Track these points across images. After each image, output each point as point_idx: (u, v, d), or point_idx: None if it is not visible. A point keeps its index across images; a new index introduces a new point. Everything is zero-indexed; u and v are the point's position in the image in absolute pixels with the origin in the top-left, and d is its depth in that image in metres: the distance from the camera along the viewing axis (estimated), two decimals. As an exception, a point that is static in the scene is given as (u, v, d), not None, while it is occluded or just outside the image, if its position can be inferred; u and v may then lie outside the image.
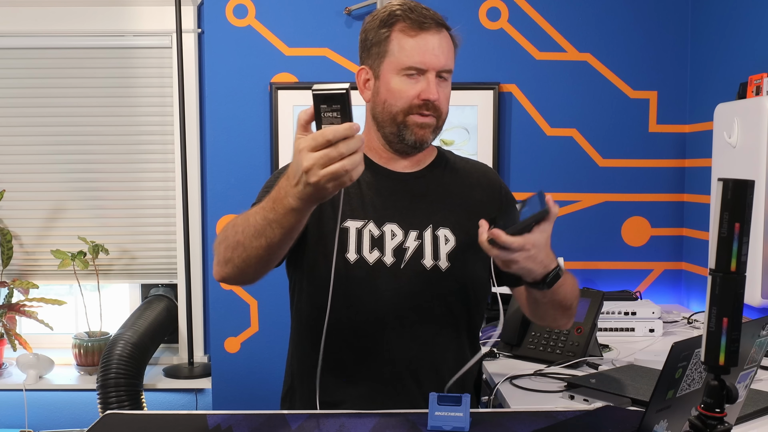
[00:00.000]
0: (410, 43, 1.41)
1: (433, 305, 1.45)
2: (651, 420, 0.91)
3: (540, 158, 2.75)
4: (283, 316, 2.76)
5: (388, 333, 1.43)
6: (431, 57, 1.40)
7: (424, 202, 1.49)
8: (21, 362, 2.79)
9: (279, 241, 1.19)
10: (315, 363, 1.43)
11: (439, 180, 1.53)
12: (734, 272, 0.81)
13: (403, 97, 1.42)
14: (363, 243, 1.43)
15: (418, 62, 1.40)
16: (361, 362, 1.43)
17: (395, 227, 1.45)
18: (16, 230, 2.96)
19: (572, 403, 1.52)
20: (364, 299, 1.42)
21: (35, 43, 2.89)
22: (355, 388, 1.43)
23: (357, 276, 1.42)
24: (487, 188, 1.57)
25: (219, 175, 2.72)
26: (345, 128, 1.05)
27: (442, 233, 1.47)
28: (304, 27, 2.70)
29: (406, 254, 1.44)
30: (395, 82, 1.42)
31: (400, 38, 1.42)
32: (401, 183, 1.50)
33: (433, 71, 1.41)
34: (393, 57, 1.42)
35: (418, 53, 1.40)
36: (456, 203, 1.51)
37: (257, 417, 1.30)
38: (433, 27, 1.41)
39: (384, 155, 1.50)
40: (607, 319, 2.19)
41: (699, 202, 2.66)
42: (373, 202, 1.46)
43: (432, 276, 1.44)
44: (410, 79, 1.41)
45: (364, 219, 1.45)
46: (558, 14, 2.72)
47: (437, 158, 1.56)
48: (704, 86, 2.64)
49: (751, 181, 0.81)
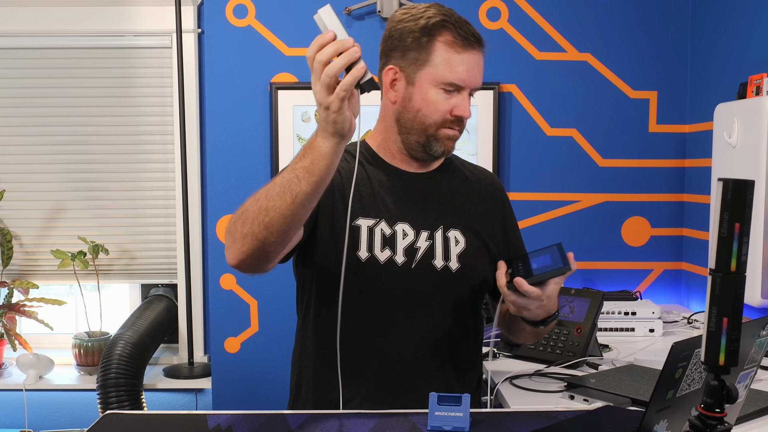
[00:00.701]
0: (456, 59, 1.40)
1: (443, 306, 1.45)
2: (651, 420, 0.91)
3: (540, 158, 2.75)
4: (283, 316, 2.77)
5: (397, 332, 1.43)
6: (473, 76, 1.42)
7: (435, 204, 1.50)
8: (21, 362, 2.79)
9: (306, 194, 1.16)
10: (321, 361, 1.44)
11: (449, 183, 1.54)
12: (734, 272, 0.81)
13: (439, 110, 1.42)
14: (374, 242, 1.43)
15: (460, 80, 1.40)
16: (369, 361, 1.44)
17: (407, 227, 1.46)
18: (16, 230, 2.95)
19: (572, 403, 1.52)
20: (373, 298, 1.43)
21: (35, 43, 2.88)
22: (363, 386, 1.43)
23: (367, 274, 1.42)
24: (494, 198, 1.59)
25: (219, 175, 2.72)
26: (329, 37, 1.14)
27: (453, 234, 1.48)
28: (304, 27, 2.70)
29: (417, 254, 1.44)
30: (432, 93, 1.41)
31: (446, 51, 1.40)
32: (412, 183, 1.50)
33: (467, 89, 1.42)
34: (434, 68, 1.40)
35: (463, 71, 1.40)
36: (466, 206, 1.52)
37: (257, 417, 1.30)
38: (477, 46, 1.42)
39: (398, 157, 1.51)
40: (607, 319, 2.19)
41: (699, 202, 2.66)
42: (385, 201, 1.47)
43: (442, 276, 1.45)
44: (447, 93, 1.41)
45: (376, 218, 1.45)
46: (558, 14, 2.72)
47: (446, 161, 1.56)
48: (704, 86, 2.64)
49: (751, 181, 0.81)
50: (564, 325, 1.92)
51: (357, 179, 1.46)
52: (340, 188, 1.45)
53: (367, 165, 1.50)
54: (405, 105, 1.45)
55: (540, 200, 2.76)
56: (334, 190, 1.44)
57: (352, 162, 1.46)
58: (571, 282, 2.64)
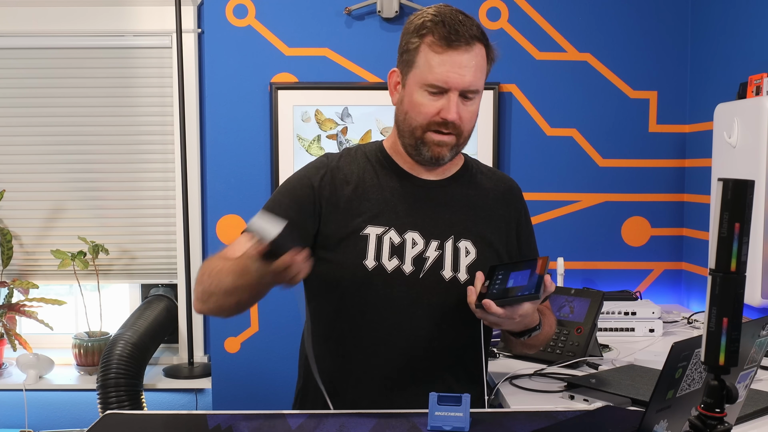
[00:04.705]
0: (435, 60, 1.36)
1: (450, 316, 1.43)
2: (651, 420, 0.91)
3: (540, 158, 2.75)
4: (282, 316, 2.77)
5: (404, 341, 1.42)
6: (455, 77, 1.36)
7: (447, 212, 1.48)
8: (21, 362, 2.78)
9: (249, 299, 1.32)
10: (327, 366, 1.43)
11: (463, 191, 1.51)
12: (734, 272, 0.81)
13: (422, 112, 1.39)
14: (383, 250, 1.41)
15: (440, 81, 1.36)
16: (376, 368, 1.43)
17: (417, 236, 1.44)
18: (16, 230, 2.95)
19: (572, 403, 1.52)
20: (380, 307, 1.42)
21: (35, 43, 2.88)
22: (370, 393, 1.43)
23: (375, 284, 1.41)
24: (510, 206, 1.56)
25: (219, 175, 2.72)
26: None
27: (463, 245, 1.46)
28: (304, 27, 2.70)
29: (425, 264, 1.43)
30: (417, 95, 1.40)
31: (427, 53, 1.37)
32: (425, 191, 1.48)
33: (455, 90, 1.37)
34: (418, 70, 1.39)
35: (441, 72, 1.36)
36: (479, 216, 1.50)
37: (257, 417, 1.30)
38: (462, 44, 1.36)
39: (408, 160, 1.49)
40: (607, 319, 2.19)
41: (699, 202, 2.66)
42: (396, 208, 1.45)
43: (450, 287, 1.43)
44: (432, 95, 1.38)
45: (385, 226, 1.43)
46: (558, 14, 2.72)
47: (463, 168, 1.54)
48: (704, 86, 2.64)
49: (751, 181, 0.81)
50: (564, 325, 1.92)
51: (367, 185, 1.46)
52: (349, 196, 1.44)
53: (380, 170, 1.49)
54: (399, 107, 1.45)
55: (540, 200, 2.76)
56: (343, 197, 1.44)
57: (365, 168, 1.47)
58: (571, 282, 2.64)
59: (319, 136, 2.71)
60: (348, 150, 1.54)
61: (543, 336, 1.47)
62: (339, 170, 1.48)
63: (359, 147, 1.55)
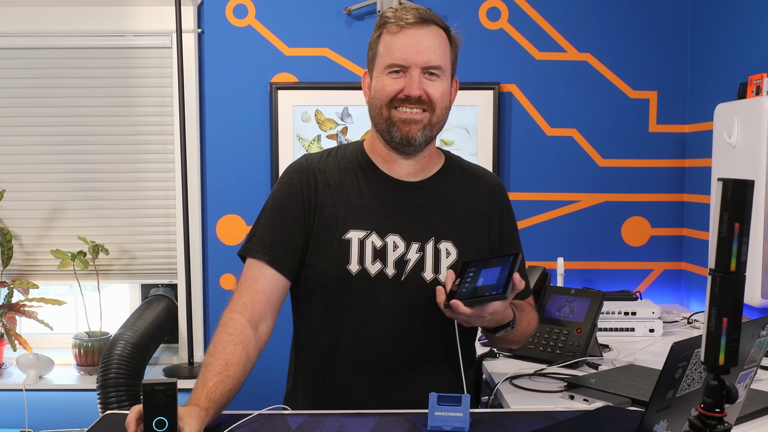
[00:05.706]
0: (392, 42, 1.42)
1: (433, 318, 1.42)
2: (651, 420, 0.91)
3: (540, 158, 2.75)
4: (282, 316, 2.76)
5: (388, 345, 1.43)
6: (412, 53, 1.40)
7: (428, 214, 1.48)
8: (21, 362, 2.78)
9: None
10: (315, 370, 1.44)
11: (443, 191, 1.51)
12: (734, 272, 0.81)
13: (385, 91, 1.42)
14: (365, 254, 1.42)
15: (398, 59, 1.41)
16: (360, 372, 1.44)
17: (397, 239, 1.44)
18: (16, 230, 2.95)
19: (572, 403, 1.52)
20: (365, 310, 1.42)
21: (35, 43, 2.88)
22: (354, 397, 1.43)
23: (359, 287, 1.42)
24: (492, 202, 1.55)
25: (219, 175, 2.72)
26: None
27: (444, 246, 1.46)
28: (304, 27, 2.70)
29: (407, 266, 1.43)
30: (381, 79, 1.44)
31: (385, 38, 1.44)
32: (405, 193, 1.48)
33: (416, 67, 1.40)
34: (379, 58, 1.44)
35: (398, 50, 1.41)
36: (460, 216, 1.50)
37: (257, 417, 1.30)
38: (415, 24, 1.41)
39: (388, 159, 1.49)
40: (607, 319, 2.19)
41: (699, 202, 2.66)
42: (376, 212, 1.45)
43: (432, 288, 1.41)
44: (394, 76, 1.42)
45: (366, 230, 1.44)
46: (558, 14, 2.73)
47: (444, 167, 1.54)
48: (704, 86, 2.64)
49: (751, 181, 0.81)
50: (564, 325, 1.92)
51: (347, 189, 1.46)
52: (332, 200, 1.45)
53: (360, 173, 1.49)
54: (369, 100, 1.49)
55: (540, 200, 2.76)
56: (326, 201, 1.44)
57: (346, 170, 1.47)
58: (571, 282, 2.64)
59: (319, 136, 2.71)
60: (329, 151, 1.55)
61: (520, 332, 1.46)
62: (321, 173, 1.48)
63: (339, 148, 1.55)
